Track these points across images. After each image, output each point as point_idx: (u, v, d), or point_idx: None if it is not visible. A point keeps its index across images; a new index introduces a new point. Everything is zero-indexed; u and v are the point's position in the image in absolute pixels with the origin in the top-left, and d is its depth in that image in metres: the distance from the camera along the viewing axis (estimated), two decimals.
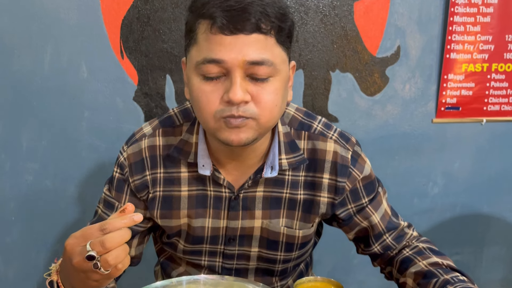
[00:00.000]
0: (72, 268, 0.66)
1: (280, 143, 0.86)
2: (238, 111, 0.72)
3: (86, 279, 0.66)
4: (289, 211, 0.90)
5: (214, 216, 0.89)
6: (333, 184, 0.88)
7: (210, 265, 0.95)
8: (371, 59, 1.65)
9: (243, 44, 0.70)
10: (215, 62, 0.71)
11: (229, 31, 0.70)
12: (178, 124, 0.89)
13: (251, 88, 0.73)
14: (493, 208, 1.85)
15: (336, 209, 0.91)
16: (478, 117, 1.73)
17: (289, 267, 0.97)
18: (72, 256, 0.65)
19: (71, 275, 0.69)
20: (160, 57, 1.55)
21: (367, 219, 0.92)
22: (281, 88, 0.76)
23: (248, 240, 0.91)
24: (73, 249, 0.65)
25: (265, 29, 0.71)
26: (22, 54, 1.50)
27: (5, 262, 1.65)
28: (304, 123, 0.90)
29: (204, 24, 0.72)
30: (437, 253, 0.88)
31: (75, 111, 1.56)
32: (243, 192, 0.87)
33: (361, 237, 0.95)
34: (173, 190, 0.88)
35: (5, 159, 1.57)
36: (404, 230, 0.94)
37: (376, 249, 0.93)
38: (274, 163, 0.84)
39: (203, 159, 0.84)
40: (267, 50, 0.72)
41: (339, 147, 0.88)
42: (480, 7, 1.63)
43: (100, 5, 1.50)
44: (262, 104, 0.74)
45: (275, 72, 0.74)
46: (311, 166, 0.88)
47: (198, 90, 0.74)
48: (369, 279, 1.83)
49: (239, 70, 0.71)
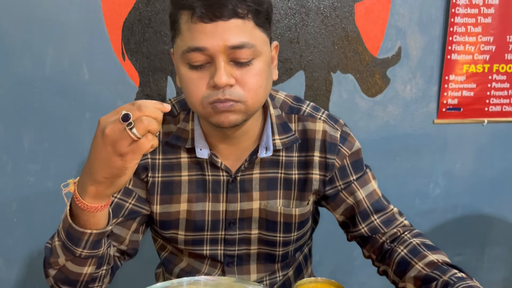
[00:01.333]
0: (102, 141, 0.65)
1: (273, 124, 0.91)
2: (224, 95, 0.76)
3: (112, 154, 0.65)
4: (285, 192, 0.93)
5: (213, 200, 0.92)
6: (323, 161, 0.92)
7: (212, 254, 0.96)
8: (372, 60, 1.65)
9: (223, 30, 0.74)
10: (198, 50, 0.75)
11: (209, 19, 0.74)
12: (176, 113, 0.93)
13: (235, 72, 0.77)
14: (494, 209, 1.84)
15: (326, 186, 0.94)
16: (479, 118, 1.73)
17: (289, 252, 0.98)
18: (106, 125, 0.65)
19: (96, 156, 0.67)
20: (161, 59, 1.56)
21: (352, 194, 0.94)
22: (264, 69, 0.80)
23: (247, 222, 0.94)
24: (107, 119, 0.66)
25: (242, 13, 0.75)
26: (23, 56, 1.51)
27: (7, 263, 1.65)
28: (294, 107, 0.95)
29: (185, 14, 0.76)
30: (430, 248, 0.88)
31: (77, 112, 1.56)
32: (240, 175, 0.91)
33: (349, 218, 0.97)
34: (173, 175, 0.91)
35: (6, 160, 1.58)
36: (395, 215, 0.95)
37: (364, 230, 0.94)
38: (268, 144, 0.89)
39: (199, 143, 0.89)
40: (246, 34, 0.76)
41: (328, 126, 0.92)
42: (481, 8, 1.63)
43: (101, 7, 1.51)
44: (247, 87, 0.78)
45: (257, 54, 0.78)
46: (303, 146, 0.92)
47: (186, 78, 0.79)
48: (370, 280, 1.83)
49: (222, 55, 0.75)
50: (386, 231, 0.94)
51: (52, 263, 0.80)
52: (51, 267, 0.80)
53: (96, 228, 0.75)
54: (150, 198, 0.92)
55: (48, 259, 0.80)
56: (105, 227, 0.77)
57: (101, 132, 0.66)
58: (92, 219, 0.74)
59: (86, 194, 0.71)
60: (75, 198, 0.72)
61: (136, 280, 1.26)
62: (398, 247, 0.91)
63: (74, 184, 0.74)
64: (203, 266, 0.98)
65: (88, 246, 0.76)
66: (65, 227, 0.76)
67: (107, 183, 0.69)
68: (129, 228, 0.91)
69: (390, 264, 0.91)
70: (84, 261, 0.78)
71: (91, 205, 0.72)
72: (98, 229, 0.75)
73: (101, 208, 0.73)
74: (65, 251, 0.77)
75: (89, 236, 0.75)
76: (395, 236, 0.94)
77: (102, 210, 0.73)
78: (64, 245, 0.77)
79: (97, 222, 0.75)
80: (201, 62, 0.77)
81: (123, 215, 0.90)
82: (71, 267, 0.79)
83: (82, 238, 0.75)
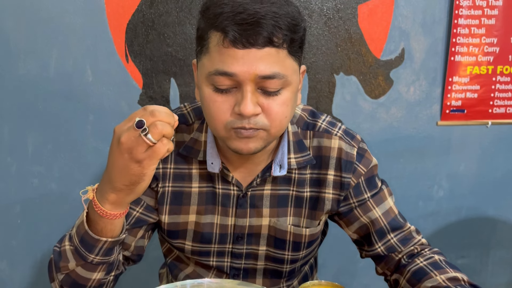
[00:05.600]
0: (118, 150, 0.65)
1: (290, 142, 0.88)
2: (249, 123, 0.74)
3: (129, 161, 0.65)
4: (296, 209, 0.91)
5: (222, 214, 0.90)
6: (338, 180, 0.89)
7: (219, 266, 0.95)
8: (375, 61, 1.65)
9: (255, 58, 0.71)
10: (226, 75, 0.72)
11: (242, 45, 0.71)
12: (190, 122, 0.91)
13: (261, 101, 0.74)
14: (499, 211, 1.84)
15: (340, 204, 0.91)
16: (483, 119, 1.72)
17: (296, 268, 0.97)
18: (121, 133, 0.65)
19: (114, 165, 0.68)
20: (165, 61, 1.56)
21: (366, 213, 0.91)
22: (291, 98, 0.77)
23: (256, 238, 0.92)
24: (121, 128, 0.66)
25: (277, 43, 0.72)
26: (27, 58, 1.52)
27: (10, 265, 1.66)
28: (309, 123, 0.92)
29: (217, 35, 0.73)
30: (453, 266, 0.85)
31: (80, 114, 1.57)
32: (251, 190, 0.89)
33: (363, 236, 0.94)
34: (183, 186, 0.90)
35: (11, 162, 1.58)
36: (412, 234, 0.93)
37: (380, 250, 0.91)
38: (282, 162, 0.86)
39: (212, 157, 0.86)
40: (278, 63, 0.73)
41: (344, 143, 0.89)
42: (484, 9, 1.62)
43: (105, 9, 1.51)
44: (272, 116, 0.75)
45: (286, 84, 0.75)
46: (317, 164, 0.90)
47: (209, 100, 0.76)
48: (374, 283, 1.82)
49: (251, 83, 0.72)
50: (403, 249, 0.91)
51: (61, 267, 0.80)
52: (60, 271, 0.80)
53: (112, 236, 0.75)
54: (159, 207, 0.91)
55: (58, 263, 0.80)
56: (120, 235, 0.77)
57: (117, 140, 0.66)
58: (109, 226, 0.74)
59: (106, 201, 0.71)
60: (94, 205, 0.72)
61: (140, 280, 1.26)
62: (417, 259, 0.88)
63: (93, 191, 0.73)
64: (208, 274, 0.97)
65: (101, 253, 0.76)
66: (79, 233, 0.76)
67: (127, 190, 0.69)
68: (135, 235, 0.91)
69: (404, 273, 0.88)
70: (95, 267, 0.78)
71: (110, 212, 0.72)
72: (113, 236, 0.76)
73: (120, 216, 0.73)
74: (76, 256, 0.77)
75: (103, 243, 0.75)
76: (412, 252, 0.91)
77: (121, 217, 0.74)
78: (76, 250, 0.77)
79: (114, 229, 0.75)
80: (227, 86, 0.74)
81: (129, 223, 0.89)
82: (81, 272, 0.79)
83: (96, 245, 0.75)
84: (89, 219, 0.75)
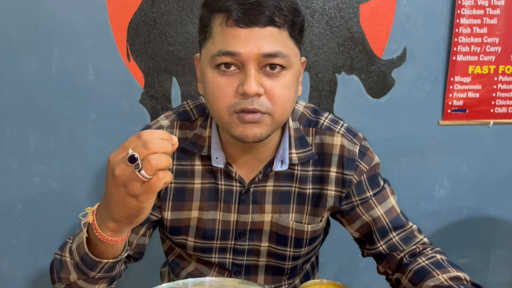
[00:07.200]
0: (113, 183, 0.62)
1: (291, 137, 0.88)
2: (252, 104, 0.74)
3: (126, 195, 0.62)
4: (298, 206, 0.91)
5: (224, 210, 0.91)
6: (340, 177, 0.90)
7: (221, 262, 0.95)
8: (377, 61, 1.65)
9: (257, 37, 0.73)
10: (230, 55, 0.73)
11: (244, 24, 0.72)
12: (193, 119, 0.91)
13: (264, 81, 0.75)
14: (500, 211, 1.83)
15: (342, 201, 0.92)
16: (485, 119, 1.72)
17: (298, 265, 0.97)
18: (115, 166, 0.61)
19: (111, 197, 0.65)
20: (166, 60, 1.56)
21: (369, 211, 0.91)
22: (293, 82, 0.78)
23: (258, 234, 0.92)
24: (115, 158, 0.62)
25: (279, 23, 0.74)
26: (29, 57, 1.52)
27: (12, 264, 1.66)
28: (312, 120, 0.92)
29: (220, 17, 0.74)
30: (455, 266, 0.85)
31: (82, 113, 1.57)
32: (253, 186, 0.89)
33: (365, 235, 0.94)
34: (186, 182, 0.90)
35: (12, 161, 1.59)
36: (414, 233, 0.93)
37: (382, 248, 0.92)
38: (284, 157, 0.87)
39: (216, 152, 0.87)
40: (280, 43, 0.74)
41: (346, 141, 0.90)
42: (486, 9, 1.62)
43: (107, 8, 1.51)
44: (275, 98, 0.76)
45: (288, 64, 0.76)
46: (319, 161, 0.90)
47: (213, 83, 0.76)
48: (375, 282, 1.82)
49: (254, 62, 0.73)
50: (404, 248, 0.91)
51: (62, 278, 0.79)
52: (61, 281, 0.80)
53: (114, 257, 0.74)
54: (161, 204, 0.91)
55: (59, 273, 0.79)
56: (121, 254, 0.75)
57: (111, 173, 0.62)
58: (110, 249, 0.73)
59: (106, 228, 0.69)
60: (95, 230, 0.70)
61: (141, 279, 1.26)
62: (420, 258, 0.88)
63: (93, 213, 0.71)
64: (210, 272, 0.98)
65: (103, 271, 0.76)
66: (80, 252, 0.74)
67: (126, 221, 0.67)
68: (137, 233, 0.91)
69: (406, 272, 0.88)
70: (97, 280, 0.78)
71: (111, 238, 0.70)
72: (115, 257, 0.74)
73: (121, 240, 0.71)
74: (78, 271, 0.76)
75: (105, 264, 0.74)
76: (414, 252, 0.91)
77: (122, 241, 0.72)
78: (77, 266, 0.76)
79: (115, 252, 0.74)
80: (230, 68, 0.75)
81: None
82: (83, 284, 0.78)
83: (97, 265, 0.74)
84: (90, 241, 0.73)
